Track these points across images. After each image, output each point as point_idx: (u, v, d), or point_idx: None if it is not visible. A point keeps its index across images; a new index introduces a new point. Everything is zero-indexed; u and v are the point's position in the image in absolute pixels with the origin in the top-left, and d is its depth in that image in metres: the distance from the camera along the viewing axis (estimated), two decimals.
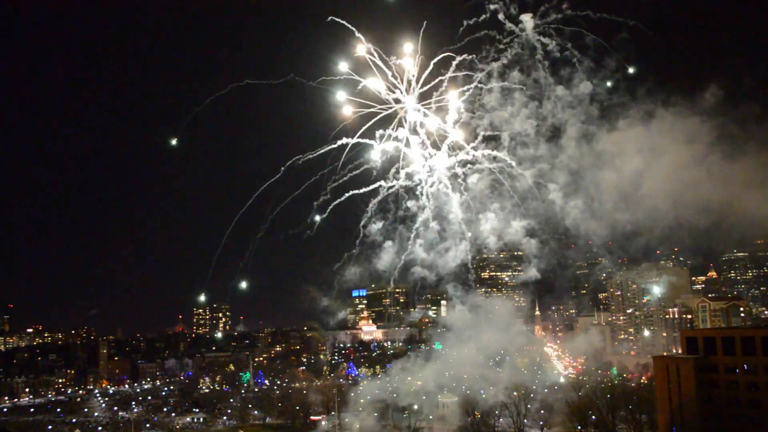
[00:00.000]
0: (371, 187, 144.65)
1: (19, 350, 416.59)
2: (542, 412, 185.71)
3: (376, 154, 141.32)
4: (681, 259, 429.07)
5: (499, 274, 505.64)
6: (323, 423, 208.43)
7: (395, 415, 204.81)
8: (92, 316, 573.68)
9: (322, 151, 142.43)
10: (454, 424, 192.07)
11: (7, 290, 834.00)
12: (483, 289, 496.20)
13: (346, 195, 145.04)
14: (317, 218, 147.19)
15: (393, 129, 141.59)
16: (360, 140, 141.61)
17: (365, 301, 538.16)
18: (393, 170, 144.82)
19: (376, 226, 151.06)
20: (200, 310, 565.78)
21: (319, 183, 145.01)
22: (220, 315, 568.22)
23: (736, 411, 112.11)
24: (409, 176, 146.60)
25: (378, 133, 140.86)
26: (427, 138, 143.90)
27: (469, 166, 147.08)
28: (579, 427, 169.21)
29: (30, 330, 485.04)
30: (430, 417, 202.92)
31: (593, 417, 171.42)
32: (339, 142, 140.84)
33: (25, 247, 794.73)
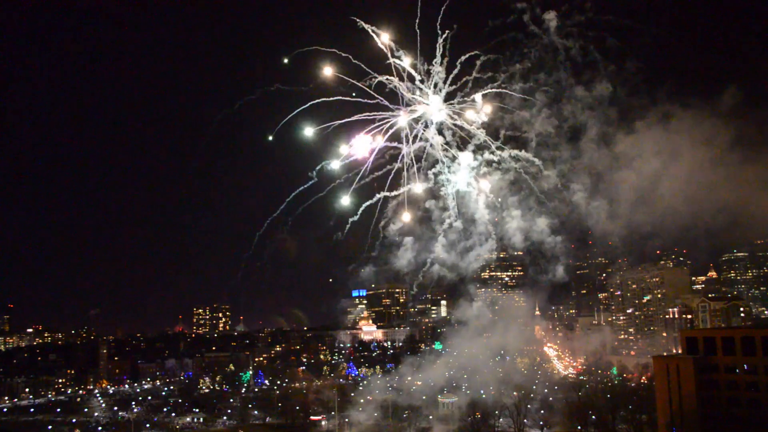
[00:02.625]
0: (402, 190, 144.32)
1: (19, 350, 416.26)
2: (542, 412, 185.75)
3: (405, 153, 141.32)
4: (681, 259, 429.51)
5: (499, 274, 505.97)
6: (323, 423, 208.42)
7: (397, 414, 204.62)
8: (92, 316, 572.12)
9: (352, 157, 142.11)
10: (455, 423, 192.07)
11: (7, 290, 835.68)
12: (483, 289, 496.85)
13: (377, 197, 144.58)
14: (349, 219, 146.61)
15: (421, 130, 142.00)
16: (388, 144, 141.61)
17: (365, 301, 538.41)
18: (414, 170, 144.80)
19: (396, 226, 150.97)
20: (200, 310, 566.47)
21: (344, 186, 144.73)
22: (220, 315, 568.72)
23: (736, 411, 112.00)
24: (432, 176, 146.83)
25: (404, 134, 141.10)
26: (452, 138, 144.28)
27: (494, 165, 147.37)
28: (579, 427, 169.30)
29: (30, 330, 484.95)
30: (430, 417, 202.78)
31: (593, 417, 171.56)
32: (369, 146, 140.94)
33: (25, 247, 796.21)
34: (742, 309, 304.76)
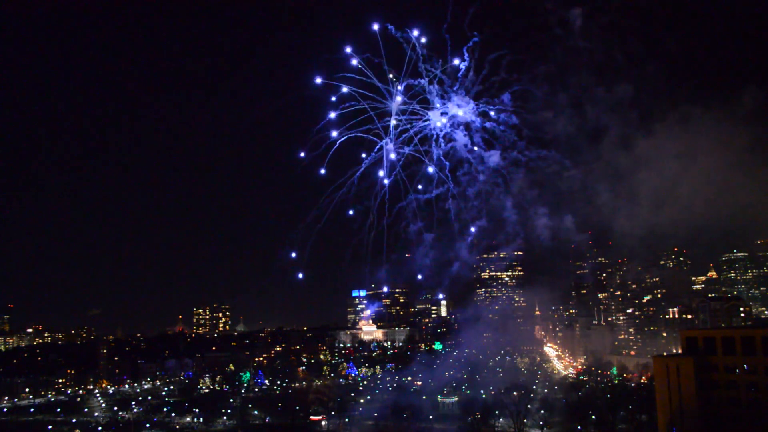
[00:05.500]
0: (434, 193, 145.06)
1: (19, 350, 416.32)
2: (542, 412, 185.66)
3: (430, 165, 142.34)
4: (681, 259, 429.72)
5: (499, 274, 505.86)
6: (323, 423, 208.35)
7: (397, 414, 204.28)
8: (92, 316, 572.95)
9: (377, 157, 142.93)
10: (454, 423, 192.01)
11: (7, 290, 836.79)
12: (483, 289, 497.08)
13: (410, 197, 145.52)
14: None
15: (449, 131, 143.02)
16: (417, 148, 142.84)
17: (365, 301, 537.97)
18: (436, 170, 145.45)
19: (416, 226, 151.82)
20: (200, 310, 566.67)
21: (370, 189, 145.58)
22: (220, 315, 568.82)
23: (736, 411, 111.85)
24: (459, 176, 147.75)
25: (433, 135, 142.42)
26: (479, 137, 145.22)
27: (519, 164, 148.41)
28: (579, 427, 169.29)
29: (30, 330, 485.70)
30: (430, 417, 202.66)
31: (593, 417, 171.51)
32: (395, 149, 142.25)
33: (25, 247, 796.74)
34: (742, 309, 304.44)
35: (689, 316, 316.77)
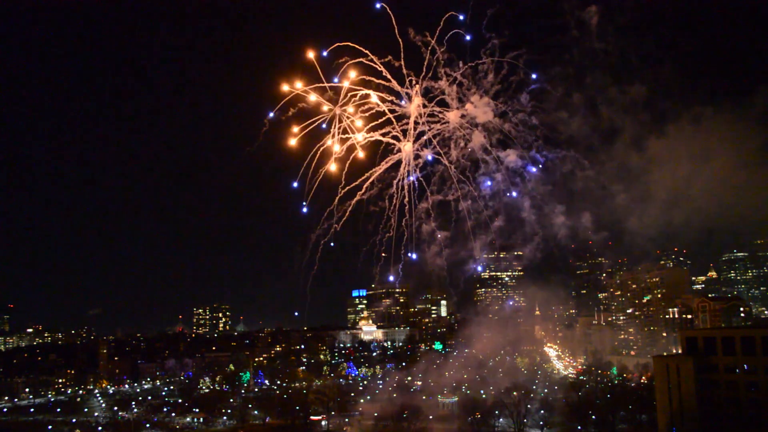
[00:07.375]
0: (451, 194, 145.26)
1: (19, 350, 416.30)
2: (542, 412, 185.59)
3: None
4: (681, 259, 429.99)
5: (499, 274, 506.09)
6: (323, 423, 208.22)
7: (397, 414, 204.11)
8: (92, 316, 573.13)
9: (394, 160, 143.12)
10: (454, 423, 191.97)
11: (7, 290, 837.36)
12: (483, 289, 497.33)
13: (426, 197, 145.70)
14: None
15: (465, 134, 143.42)
16: (435, 153, 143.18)
17: (365, 301, 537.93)
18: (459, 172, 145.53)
19: (429, 227, 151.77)
20: (200, 310, 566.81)
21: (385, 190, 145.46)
22: (220, 315, 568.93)
23: (736, 411, 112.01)
24: (477, 177, 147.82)
25: (453, 137, 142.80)
26: (497, 137, 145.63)
27: (536, 163, 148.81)
28: (579, 427, 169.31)
29: (30, 330, 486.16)
30: (430, 417, 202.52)
31: (593, 417, 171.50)
32: (413, 151, 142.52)
33: (25, 247, 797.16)
34: (742, 309, 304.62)
35: (689, 316, 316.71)
